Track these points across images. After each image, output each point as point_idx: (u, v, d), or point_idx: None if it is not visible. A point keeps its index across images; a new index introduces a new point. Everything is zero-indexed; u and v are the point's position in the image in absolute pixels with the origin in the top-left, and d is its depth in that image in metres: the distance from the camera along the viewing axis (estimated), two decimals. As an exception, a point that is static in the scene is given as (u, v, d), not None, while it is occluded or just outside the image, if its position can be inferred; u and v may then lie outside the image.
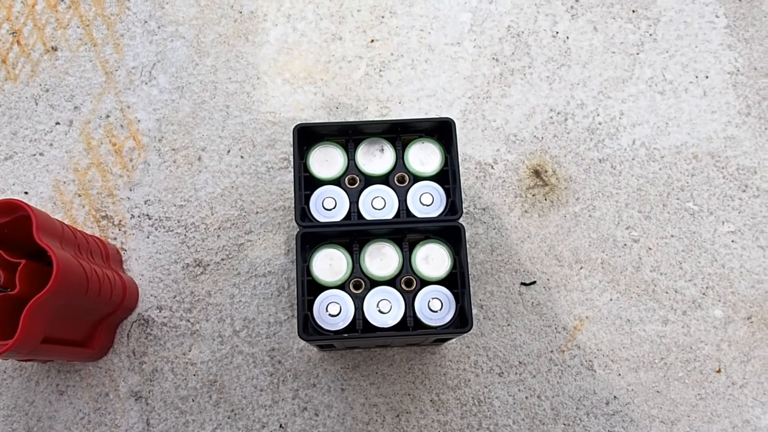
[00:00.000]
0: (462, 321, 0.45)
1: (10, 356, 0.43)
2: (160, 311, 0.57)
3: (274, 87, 0.63)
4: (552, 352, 0.58)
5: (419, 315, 0.45)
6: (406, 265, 0.46)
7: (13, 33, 0.63)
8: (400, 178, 0.48)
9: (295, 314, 0.57)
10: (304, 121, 0.61)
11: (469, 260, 0.58)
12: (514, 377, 0.57)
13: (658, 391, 0.57)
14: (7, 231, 0.46)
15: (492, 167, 0.62)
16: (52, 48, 0.63)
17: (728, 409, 0.57)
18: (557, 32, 0.65)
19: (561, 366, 0.57)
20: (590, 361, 0.58)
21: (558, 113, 0.63)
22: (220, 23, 0.64)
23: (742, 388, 0.57)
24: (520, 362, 0.57)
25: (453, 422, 0.56)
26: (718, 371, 0.58)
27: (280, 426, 0.55)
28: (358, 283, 0.46)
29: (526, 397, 0.57)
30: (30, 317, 0.41)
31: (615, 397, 0.57)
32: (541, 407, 0.56)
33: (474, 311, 0.58)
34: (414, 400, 0.56)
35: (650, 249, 0.60)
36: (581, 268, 0.59)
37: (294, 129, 0.46)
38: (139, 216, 0.59)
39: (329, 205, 0.46)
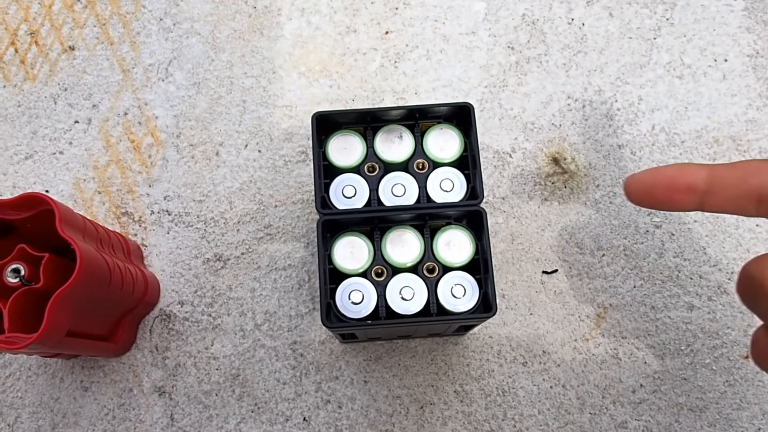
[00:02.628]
0: (486, 306, 0.44)
1: (36, 349, 0.43)
2: (181, 306, 0.57)
3: (290, 81, 0.63)
4: (576, 340, 0.57)
5: (442, 301, 0.45)
6: (428, 251, 0.46)
7: (31, 33, 0.64)
8: (419, 165, 0.47)
9: (317, 307, 0.57)
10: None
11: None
12: (538, 367, 0.56)
13: (685, 379, 0.56)
14: (30, 226, 0.47)
15: (510, 156, 0.61)
16: (70, 47, 0.64)
17: (758, 396, 0.56)
18: (572, 19, 0.65)
19: (585, 355, 0.57)
20: (615, 349, 0.57)
21: (575, 100, 0.63)
22: (234, 19, 0.64)
23: (772, 374, 0.56)
24: (544, 351, 0.57)
25: (477, 413, 0.55)
26: (746, 357, 0.57)
27: (304, 419, 0.55)
28: (380, 271, 0.46)
29: (551, 387, 0.56)
30: (55, 309, 0.41)
31: (641, 385, 0.56)
32: (566, 396, 0.56)
33: (496, 300, 0.57)
34: (438, 392, 0.56)
35: (673, 235, 0.59)
36: (603, 255, 0.59)
37: (312, 117, 0.46)
38: (158, 212, 0.59)
39: (349, 193, 0.46)
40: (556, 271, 0.59)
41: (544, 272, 0.59)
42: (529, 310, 0.58)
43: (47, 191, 0.60)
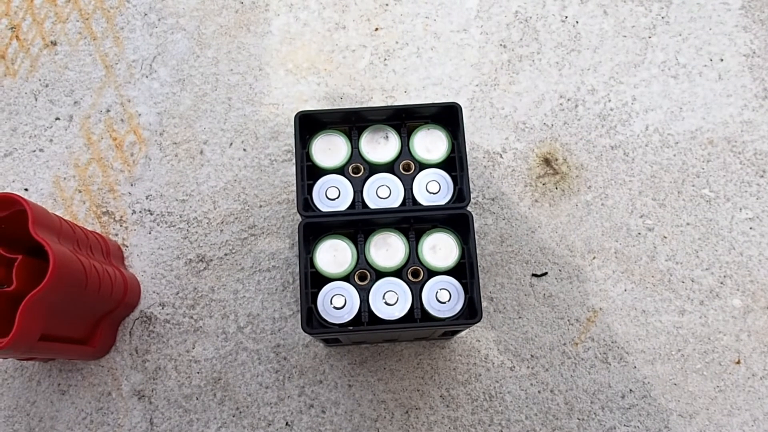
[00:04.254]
0: (471, 312, 0.43)
1: (8, 354, 0.42)
2: (162, 308, 0.56)
3: (277, 78, 0.61)
4: (565, 344, 0.56)
5: (427, 306, 0.44)
6: (413, 255, 0.45)
7: (12, 28, 0.62)
8: (405, 166, 0.46)
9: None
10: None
11: (478, 251, 0.57)
12: (526, 371, 0.55)
13: (675, 384, 0.55)
14: (4, 226, 0.45)
15: (501, 156, 0.60)
16: (52, 42, 0.62)
17: (748, 402, 0.55)
18: (566, 17, 0.63)
19: (574, 359, 0.56)
20: (605, 353, 0.56)
21: (568, 100, 0.61)
22: (221, 14, 0.63)
23: (763, 380, 0.55)
24: (532, 356, 0.56)
25: (464, 418, 0.54)
26: (738, 362, 0.56)
27: (287, 424, 0.54)
28: (364, 275, 0.44)
29: (539, 392, 0.55)
30: (26, 313, 0.40)
31: (631, 390, 0.55)
32: (554, 401, 0.55)
33: (484, 304, 0.56)
34: (423, 396, 0.55)
35: (665, 237, 0.58)
36: (594, 258, 0.58)
37: (296, 117, 0.45)
38: (140, 211, 0.58)
39: (333, 195, 0.45)
40: (545, 273, 0.58)
41: (533, 275, 0.58)
42: (517, 313, 0.57)
43: (26, 189, 0.58)
